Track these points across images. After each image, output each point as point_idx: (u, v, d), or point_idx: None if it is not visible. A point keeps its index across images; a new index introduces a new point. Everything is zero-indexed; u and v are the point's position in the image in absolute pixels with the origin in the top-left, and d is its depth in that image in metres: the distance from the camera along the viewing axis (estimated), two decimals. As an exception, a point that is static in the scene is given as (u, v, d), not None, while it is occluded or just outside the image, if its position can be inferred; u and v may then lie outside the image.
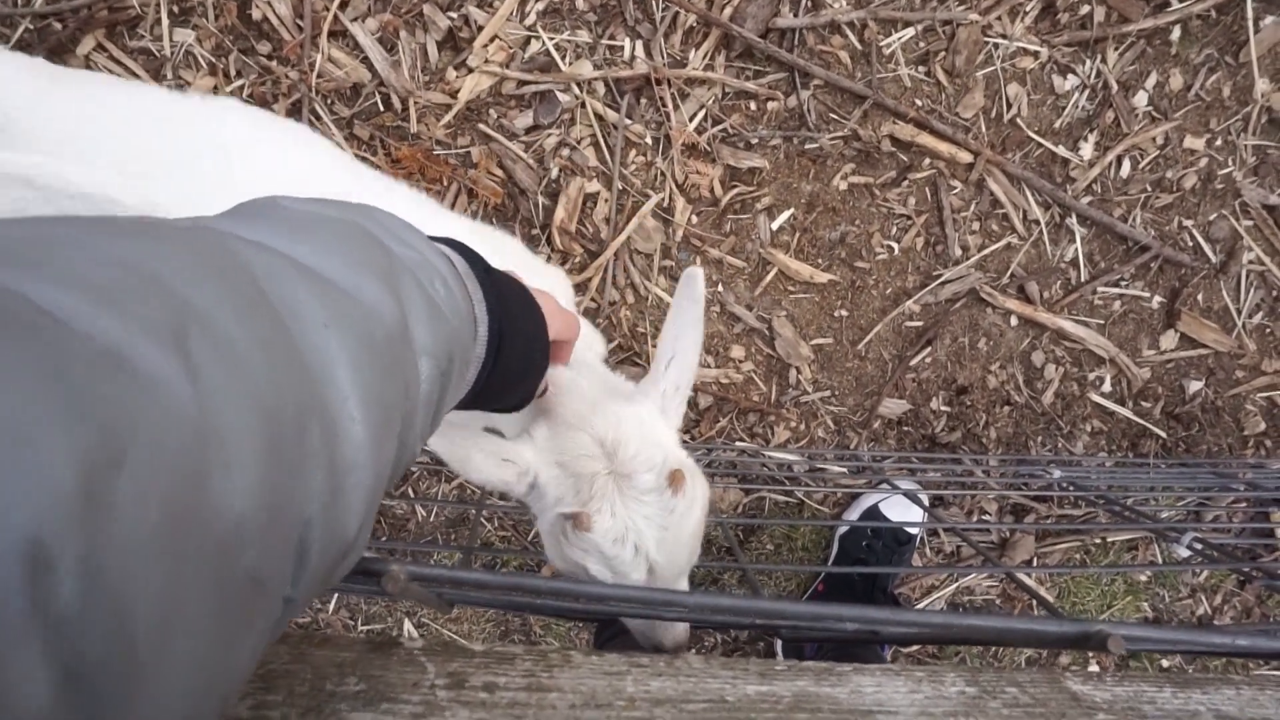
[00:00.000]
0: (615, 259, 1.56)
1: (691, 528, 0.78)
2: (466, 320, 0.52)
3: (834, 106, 1.54)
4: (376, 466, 0.36)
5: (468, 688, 0.46)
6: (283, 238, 0.38)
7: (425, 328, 0.44)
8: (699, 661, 0.51)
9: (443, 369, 0.45)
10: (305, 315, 0.34)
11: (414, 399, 0.42)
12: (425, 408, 0.44)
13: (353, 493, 0.35)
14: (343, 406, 0.34)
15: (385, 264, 0.43)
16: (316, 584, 0.34)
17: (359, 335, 0.36)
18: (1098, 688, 0.52)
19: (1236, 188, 1.61)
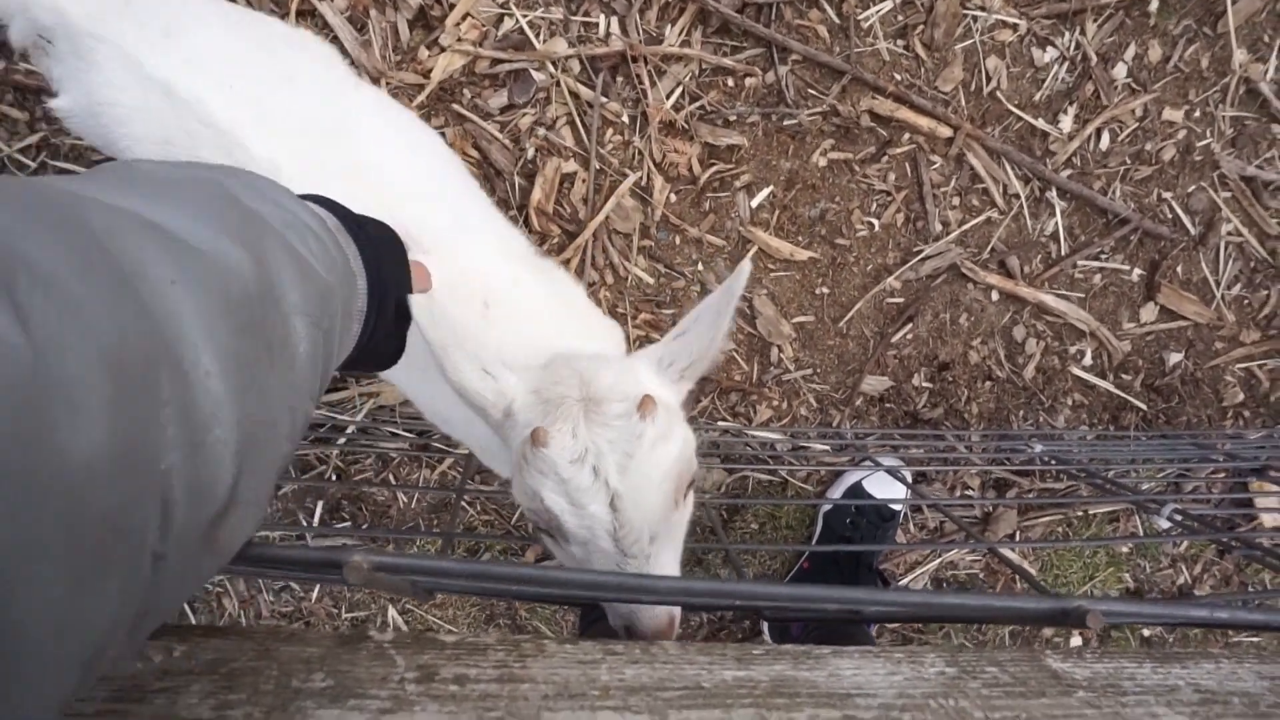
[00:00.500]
0: (594, 239, 1.54)
1: (662, 464, 0.73)
2: (345, 275, 0.53)
3: (812, 82, 1.53)
4: (245, 424, 0.36)
5: (438, 680, 0.45)
6: (136, 198, 0.38)
7: (297, 287, 0.44)
8: (675, 648, 0.50)
9: (323, 327, 0.46)
10: (150, 272, 0.34)
11: (289, 358, 0.42)
12: (310, 366, 0.44)
13: (215, 448, 0.34)
14: (196, 361, 0.34)
15: (246, 224, 0.43)
16: (194, 544, 0.34)
17: (212, 293, 0.36)
18: (1078, 665, 0.51)
19: (1215, 159, 1.61)
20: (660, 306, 1.60)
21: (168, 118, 0.88)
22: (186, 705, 0.41)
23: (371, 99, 1.07)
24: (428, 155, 1.09)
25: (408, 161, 1.04)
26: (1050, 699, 0.47)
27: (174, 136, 0.89)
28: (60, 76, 0.94)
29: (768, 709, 0.45)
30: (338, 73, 1.06)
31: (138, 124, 0.89)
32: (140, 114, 0.89)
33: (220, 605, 1.68)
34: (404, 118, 1.12)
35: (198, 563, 0.35)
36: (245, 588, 1.68)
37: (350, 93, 1.04)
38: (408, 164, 1.03)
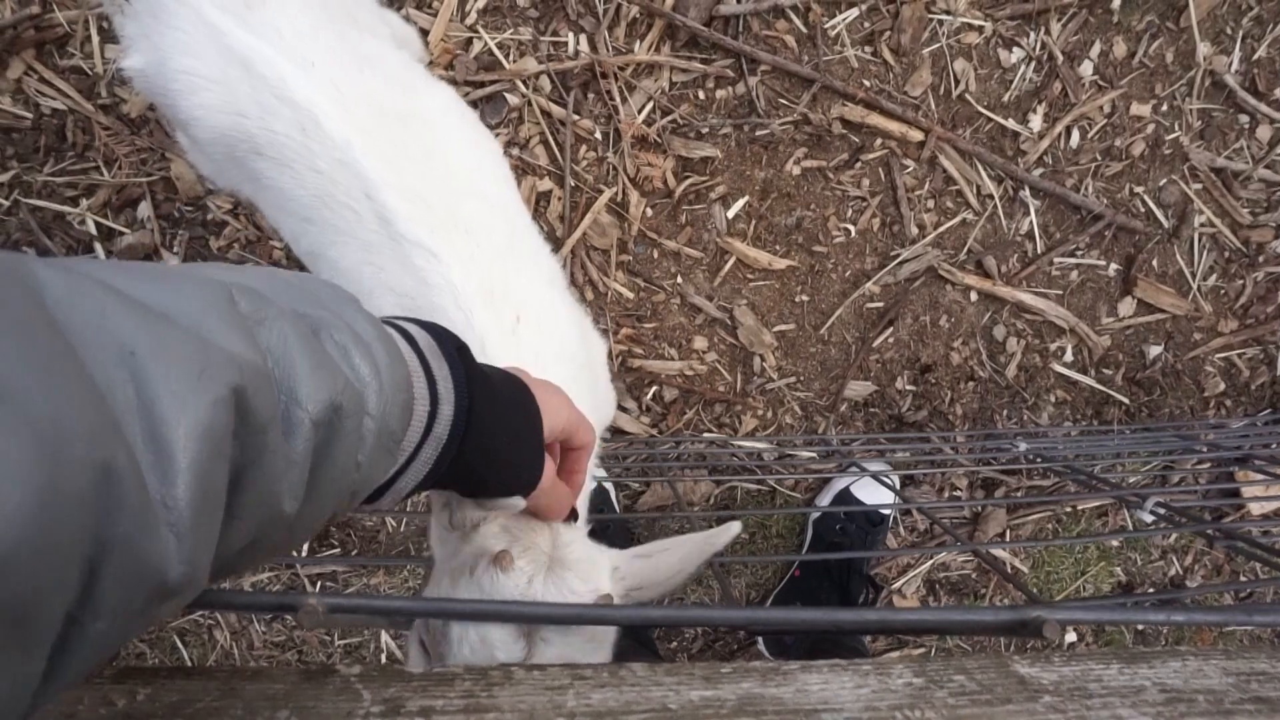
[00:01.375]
0: (572, 256, 1.55)
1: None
2: (392, 389, 0.48)
3: (783, 91, 1.54)
4: (201, 505, 0.34)
5: (403, 713, 0.45)
6: (120, 274, 0.36)
7: (303, 376, 0.41)
8: (643, 669, 0.50)
9: (320, 422, 0.42)
10: (105, 339, 0.32)
11: (274, 445, 0.39)
12: (300, 464, 0.41)
13: (166, 529, 0.32)
14: (152, 435, 0.32)
15: (251, 312, 0.40)
16: (125, 614, 0.32)
17: (183, 365, 0.34)
18: (1045, 669, 0.51)
19: (1184, 152, 1.63)
20: (641, 320, 1.60)
21: (243, 90, 0.87)
22: (149, 749, 0.41)
23: (445, 93, 1.07)
24: (493, 161, 1.09)
25: (476, 161, 1.03)
26: (1016, 705, 0.48)
27: (247, 109, 0.87)
28: (132, 35, 0.92)
29: (733, 728, 0.45)
30: (413, 63, 1.07)
31: (211, 94, 0.88)
32: (216, 85, 0.87)
33: (211, 637, 1.67)
34: (473, 119, 1.12)
35: (125, 631, 0.33)
36: (237, 619, 1.67)
37: (424, 84, 1.04)
38: (476, 164, 1.03)
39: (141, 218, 1.50)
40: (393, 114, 0.94)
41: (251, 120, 0.88)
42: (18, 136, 1.46)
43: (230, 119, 0.89)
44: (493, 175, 1.06)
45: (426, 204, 0.90)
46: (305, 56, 0.89)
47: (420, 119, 0.98)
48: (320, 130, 0.87)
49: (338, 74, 0.90)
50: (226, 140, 0.91)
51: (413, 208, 0.89)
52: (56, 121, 1.46)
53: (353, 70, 0.93)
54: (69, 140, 1.47)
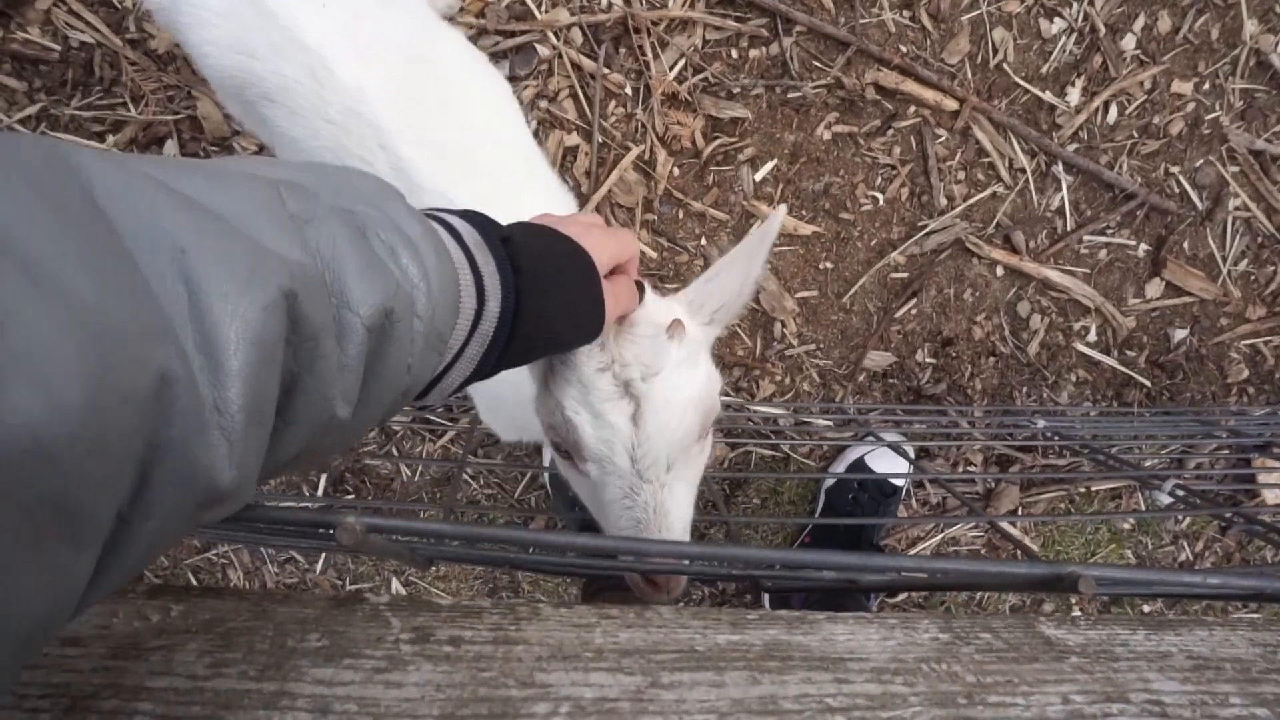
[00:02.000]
0: (597, 213, 1.54)
1: (686, 388, 0.71)
2: (441, 289, 0.47)
3: (817, 54, 1.51)
4: (253, 410, 0.34)
5: (433, 641, 0.45)
6: (174, 171, 0.35)
7: (355, 280, 0.40)
8: (670, 612, 0.50)
9: (373, 327, 0.42)
10: (156, 236, 0.31)
11: (327, 351, 0.39)
12: (354, 368, 0.41)
13: (218, 434, 0.32)
14: (204, 340, 0.32)
15: (302, 212, 0.40)
16: (175, 516, 0.32)
17: (233, 266, 0.33)
18: (1071, 632, 0.51)
19: (1223, 133, 1.59)
20: (663, 280, 1.59)
21: (253, 29, 0.84)
22: (183, 662, 0.42)
23: (459, 38, 1.05)
24: (507, 104, 1.07)
25: (492, 107, 1.02)
26: (1043, 664, 0.48)
27: (257, 49, 0.85)
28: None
29: (760, 672, 0.45)
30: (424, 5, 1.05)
31: (220, 30, 0.85)
32: (225, 20, 0.85)
33: (225, 576, 1.70)
34: (485, 62, 1.10)
35: (174, 532, 0.33)
36: (250, 559, 1.69)
37: (437, 28, 1.02)
38: (492, 109, 1.02)
39: (168, 155, 1.50)
40: (407, 60, 0.92)
41: (261, 62, 0.86)
42: (45, 69, 1.45)
43: (238, 59, 0.86)
44: (507, 119, 1.05)
45: (442, 153, 0.89)
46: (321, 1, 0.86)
47: (434, 64, 0.96)
48: (332, 76, 0.85)
49: (352, 16, 0.88)
50: (235, 81, 0.89)
51: (428, 158, 0.88)
52: (84, 55, 1.45)
53: (368, 12, 0.91)
54: (96, 75, 1.46)
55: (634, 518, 0.71)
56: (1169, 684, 0.46)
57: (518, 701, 0.41)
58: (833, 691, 0.44)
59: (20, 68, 1.45)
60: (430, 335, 0.47)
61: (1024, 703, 0.44)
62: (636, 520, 0.71)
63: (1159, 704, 0.45)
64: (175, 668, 0.41)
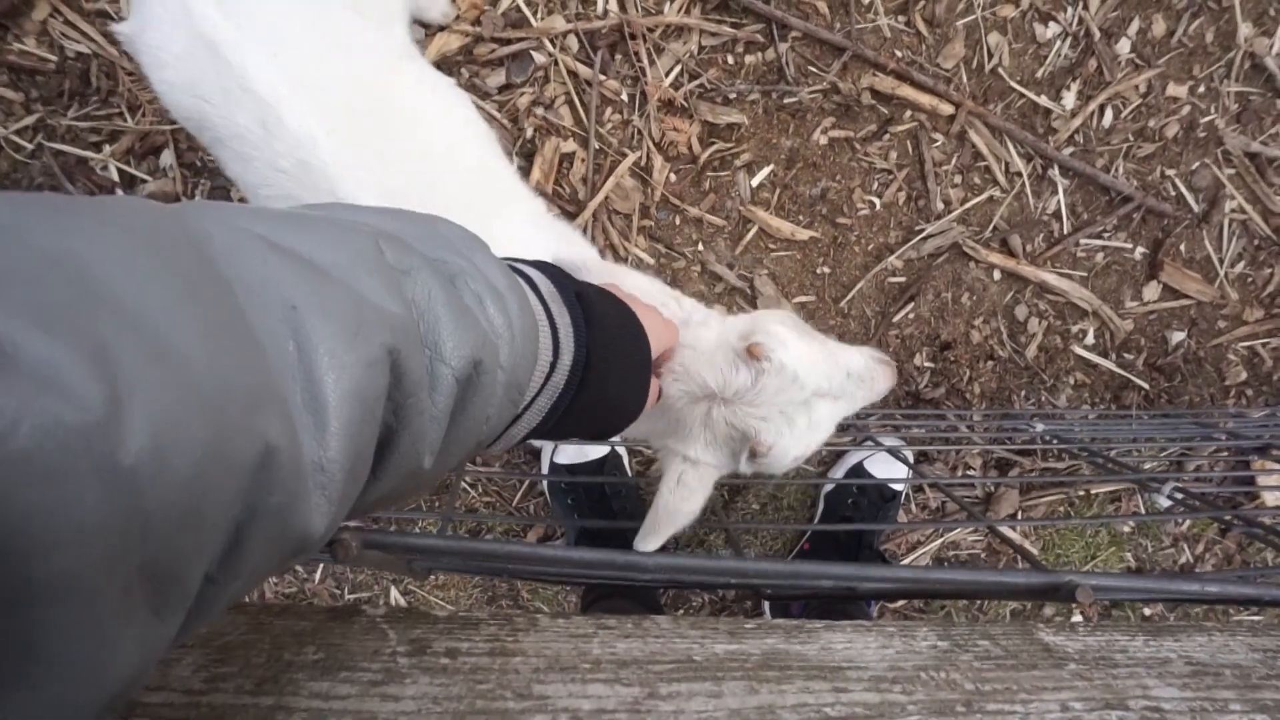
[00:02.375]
0: (594, 220, 1.54)
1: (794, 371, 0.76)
2: (523, 340, 0.48)
3: (813, 59, 1.52)
4: (351, 468, 0.34)
5: (429, 654, 0.45)
6: (272, 226, 0.35)
7: (448, 332, 0.40)
8: (667, 622, 0.50)
9: (463, 379, 0.42)
10: (269, 294, 0.31)
11: (420, 404, 0.39)
12: (439, 420, 0.41)
13: (318, 492, 0.32)
14: (311, 398, 0.32)
15: (398, 263, 0.40)
16: (260, 572, 0.32)
17: (340, 322, 0.33)
18: (1070, 638, 0.51)
19: (1219, 135, 1.60)
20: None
21: (209, 75, 0.83)
22: (179, 677, 0.42)
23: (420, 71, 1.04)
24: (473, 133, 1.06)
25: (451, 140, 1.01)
26: (1041, 671, 0.48)
27: (210, 95, 0.84)
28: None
29: (758, 681, 0.45)
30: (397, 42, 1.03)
31: (176, 72, 0.84)
32: (182, 64, 0.84)
33: (224, 586, 1.69)
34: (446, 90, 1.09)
35: (257, 583, 0.33)
36: (249, 569, 1.69)
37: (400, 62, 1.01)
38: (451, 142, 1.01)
39: (164, 165, 1.50)
40: (363, 104, 0.90)
41: (215, 107, 0.84)
42: (42, 79, 1.45)
43: (193, 102, 0.85)
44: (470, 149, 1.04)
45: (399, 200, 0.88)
46: (272, 44, 0.84)
47: (391, 105, 0.94)
48: (282, 126, 0.83)
49: (305, 62, 0.86)
50: (193, 123, 0.88)
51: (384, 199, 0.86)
52: (81, 65, 1.45)
53: (325, 57, 0.89)
54: (93, 85, 1.46)
55: None
56: (1168, 690, 0.46)
57: (515, 714, 0.41)
58: (830, 701, 0.43)
59: (17, 78, 1.45)
60: (510, 386, 0.47)
61: (1023, 710, 0.44)
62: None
63: (1158, 710, 0.45)
64: (171, 682, 0.41)
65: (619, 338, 0.61)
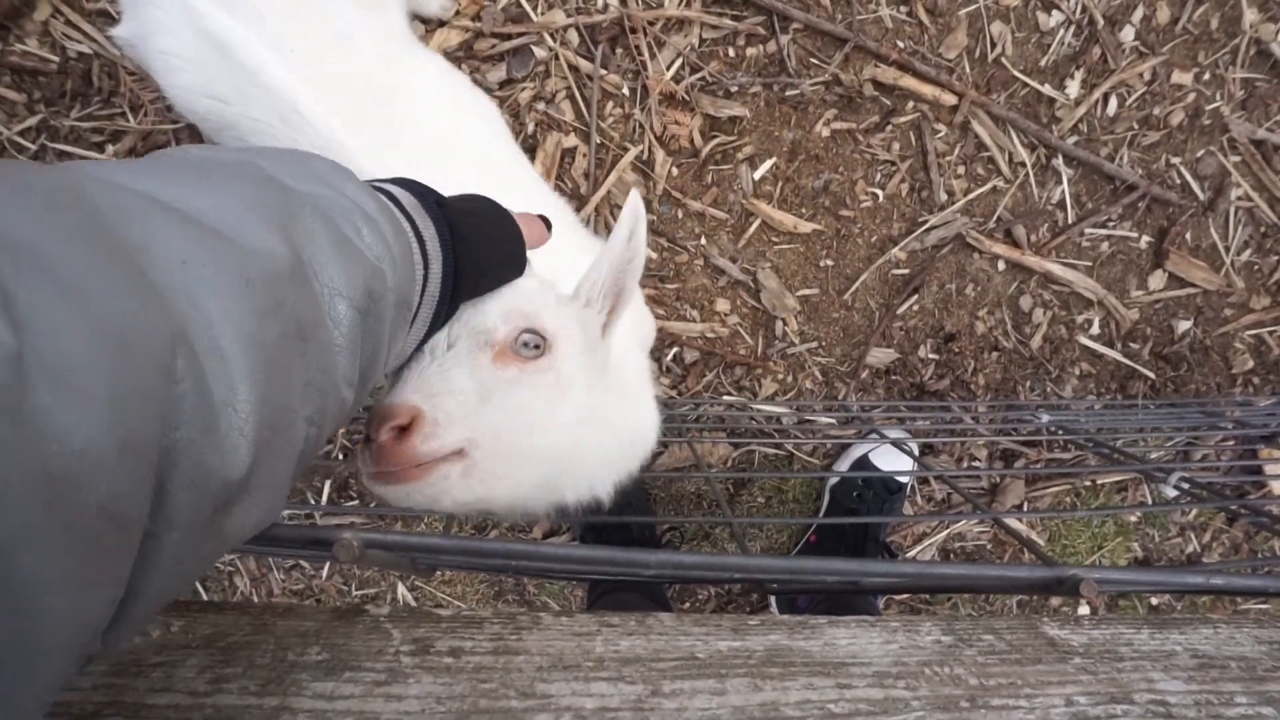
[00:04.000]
0: (596, 214, 1.54)
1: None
2: (404, 265, 0.50)
3: (814, 51, 1.51)
4: (264, 409, 0.35)
5: (433, 653, 0.45)
6: (155, 180, 0.37)
7: (338, 270, 0.42)
8: (670, 620, 0.50)
9: (367, 312, 0.44)
10: (159, 252, 0.33)
11: (322, 341, 0.41)
12: (349, 352, 0.43)
13: (230, 434, 0.34)
14: (211, 344, 0.33)
15: (280, 205, 0.41)
16: (196, 528, 0.33)
17: (228, 272, 0.35)
18: (1075, 632, 0.51)
19: (1224, 123, 1.59)
20: (663, 281, 1.59)
21: (221, 75, 0.85)
22: (183, 679, 0.42)
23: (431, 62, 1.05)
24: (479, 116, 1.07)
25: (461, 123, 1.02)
26: (1046, 665, 0.47)
27: (226, 94, 0.85)
28: (125, 2, 0.90)
29: (762, 679, 0.45)
30: (397, 32, 1.04)
31: (189, 76, 0.86)
32: (194, 66, 0.85)
33: (232, 584, 1.70)
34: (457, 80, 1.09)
35: (198, 547, 0.34)
36: (256, 566, 1.70)
37: (410, 55, 1.01)
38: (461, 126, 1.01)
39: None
40: (374, 94, 0.92)
41: (232, 107, 0.86)
42: (44, 80, 1.45)
43: (210, 103, 0.87)
44: (480, 132, 1.04)
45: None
46: (283, 41, 0.85)
47: (403, 94, 0.95)
48: (301, 118, 0.85)
49: (318, 57, 0.88)
50: (211, 124, 0.89)
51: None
52: (83, 66, 1.45)
53: (333, 51, 0.90)
54: (95, 85, 1.46)
55: None
56: (1174, 684, 0.46)
57: (519, 713, 0.41)
58: (834, 697, 0.43)
59: (19, 80, 1.45)
60: (400, 305, 0.50)
61: (1027, 705, 0.44)
62: None
63: (1163, 704, 0.44)
64: (176, 684, 0.41)
65: (487, 237, 0.64)
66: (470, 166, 0.97)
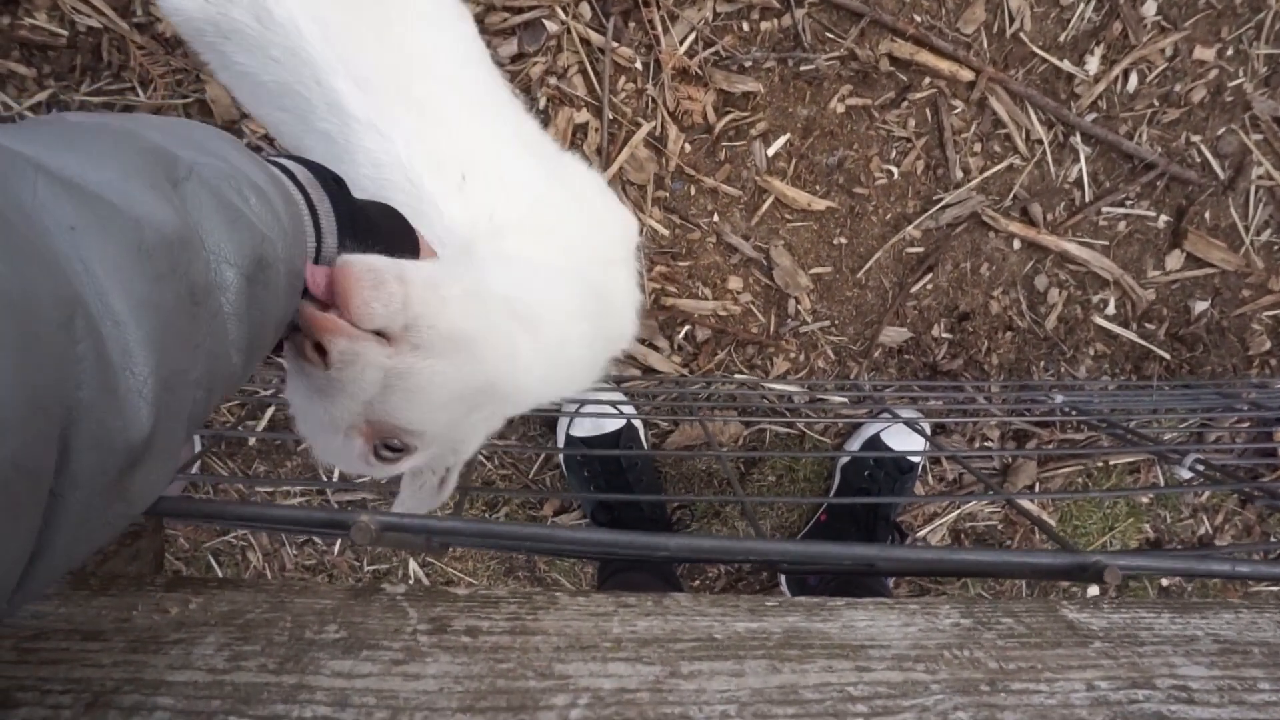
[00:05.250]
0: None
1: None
2: (294, 234, 0.51)
3: (830, 25, 1.49)
4: (162, 372, 0.36)
5: (450, 632, 0.45)
6: (40, 145, 0.37)
7: (226, 237, 0.43)
8: (687, 600, 0.50)
9: (255, 279, 0.44)
10: (44, 218, 0.33)
11: (213, 307, 0.41)
12: (237, 318, 0.43)
13: (130, 396, 0.34)
14: (104, 309, 0.33)
15: (165, 171, 0.42)
16: (100, 490, 0.33)
17: (118, 237, 0.35)
18: (1094, 615, 0.51)
19: (1247, 100, 1.56)
20: (676, 258, 1.58)
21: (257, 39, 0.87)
22: (202, 656, 0.42)
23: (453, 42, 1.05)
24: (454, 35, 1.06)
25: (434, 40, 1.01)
26: (1066, 649, 0.47)
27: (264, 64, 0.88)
28: None
29: (780, 660, 0.44)
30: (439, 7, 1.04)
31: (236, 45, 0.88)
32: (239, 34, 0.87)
33: (245, 559, 1.71)
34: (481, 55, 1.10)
35: (104, 510, 0.35)
36: (269, 541, 1.71)
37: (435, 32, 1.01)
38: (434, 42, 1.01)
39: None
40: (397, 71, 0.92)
41: (214, 5, 0.87)
42: (54, 55, 1.45)
43: (195, 4, 0.88)
44: (452, 52, 1.04)
45: (375, 87, 0.90)
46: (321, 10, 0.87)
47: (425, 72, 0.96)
48: (271, 18, 0.86)
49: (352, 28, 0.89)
50: (194, 26, 0.91)
51: (361, 91, 0.89)
52: (92, 40, 1.44)
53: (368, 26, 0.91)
54: (105, 59, 1.45)
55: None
56: (1195, 669, 0.46)
57: (536, 693, 0.41)
58: (854, 680, 0.43)
59: (29, 54, 1.44)
60: (290, 275, 0.50)
61: (1048, 689, 0.44)
62: None
63: (1185, 689, 0.44)
64: (194, 661, 0.41)
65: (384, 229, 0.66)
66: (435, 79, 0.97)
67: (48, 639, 0.43)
